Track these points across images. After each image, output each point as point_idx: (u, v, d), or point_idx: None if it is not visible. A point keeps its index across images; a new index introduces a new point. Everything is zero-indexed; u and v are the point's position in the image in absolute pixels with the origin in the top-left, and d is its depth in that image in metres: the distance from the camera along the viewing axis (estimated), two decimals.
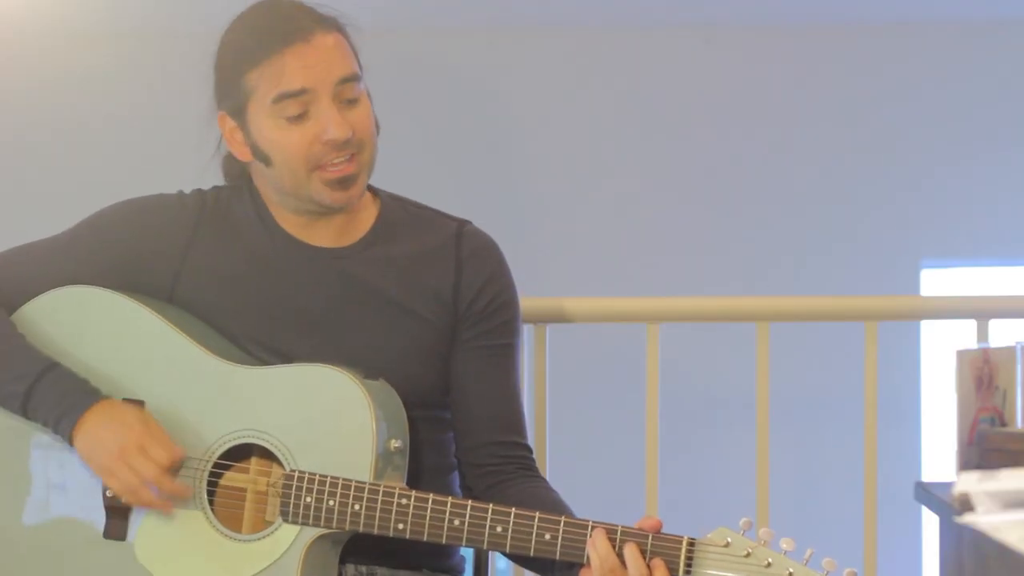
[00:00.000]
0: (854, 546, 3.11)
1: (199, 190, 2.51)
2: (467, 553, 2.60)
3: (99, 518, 2.38)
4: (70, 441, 2.35)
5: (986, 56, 5.41)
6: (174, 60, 2.37)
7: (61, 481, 2.40)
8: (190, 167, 2.52)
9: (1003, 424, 2.52)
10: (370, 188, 2.53)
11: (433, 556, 2.47)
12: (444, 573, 2.50)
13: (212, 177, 2.52)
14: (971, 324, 3.19)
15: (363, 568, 2.42)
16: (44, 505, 2.41)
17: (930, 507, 2.46)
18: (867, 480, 3.18)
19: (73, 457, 2.38)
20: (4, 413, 2.40)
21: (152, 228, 2.46)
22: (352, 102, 2.39)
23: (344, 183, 2.39)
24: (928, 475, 5.27)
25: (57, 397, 2.34)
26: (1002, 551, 1.84)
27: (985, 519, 1.83)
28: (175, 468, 2.34)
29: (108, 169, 5.33)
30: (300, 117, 2.36)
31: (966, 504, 1.93)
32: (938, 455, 5.31)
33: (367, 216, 2.49)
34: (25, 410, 2.37)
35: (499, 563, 4.16)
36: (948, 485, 2.25)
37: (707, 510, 2.26)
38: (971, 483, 1.93)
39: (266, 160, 2.40)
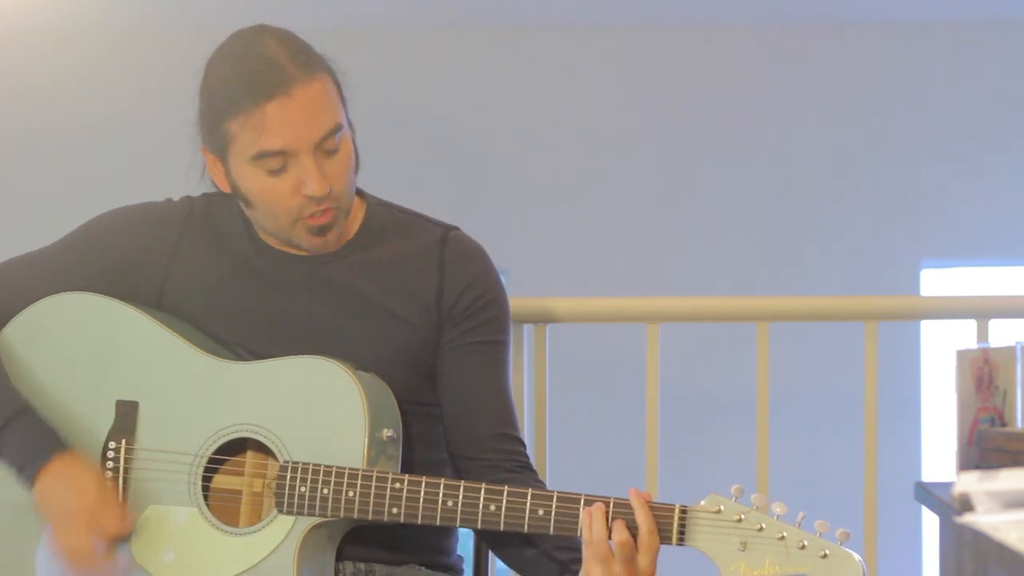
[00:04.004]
0: (854, 546, 3.11)
1: (188, 197, 2.52)
2: (466, 553, 2.60)
3: None
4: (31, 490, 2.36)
5: (986, 56, 5.41)
6: (174, 60, 2.36)
7: None
8: (188, 167, 2.52)
9: (1003, 424, 2.52)
10: (357, 192, 2.52)
11: (431, 552, 2.48)
12: (442, 571, 2.50)
13: (205, 181, 2.52)
14: (971, 324, 3.19)
15: (361, 565, 2.42)
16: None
17: (930, 507, 2.46)
18: (867, 480, 3.18)
19: None
20: None
21: (139, 236, 2.47)
22: (333, 152, 2.37)
23: (323, 231, 2.39)
24: (928, 475, 5.27)
25: (20, 446, 2.35)
26: (1002, 551, 1.84)
27: (985, 519, 1.83)
28: (117, 544, 2.33)
29: (107, 169, 5.33)
30: (280, 170, 2.36)
31: (966, 504, 1.93)
32: (938, 455, 5.31)
33: (352, 221, 2.49)
34: None
35: (499, 563, 4.16)
36: (948, 485, 2.25)
37: None
38: (971, 483, 1.93)
39: (247, 202, 2.41)
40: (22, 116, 5.41)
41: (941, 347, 5.28)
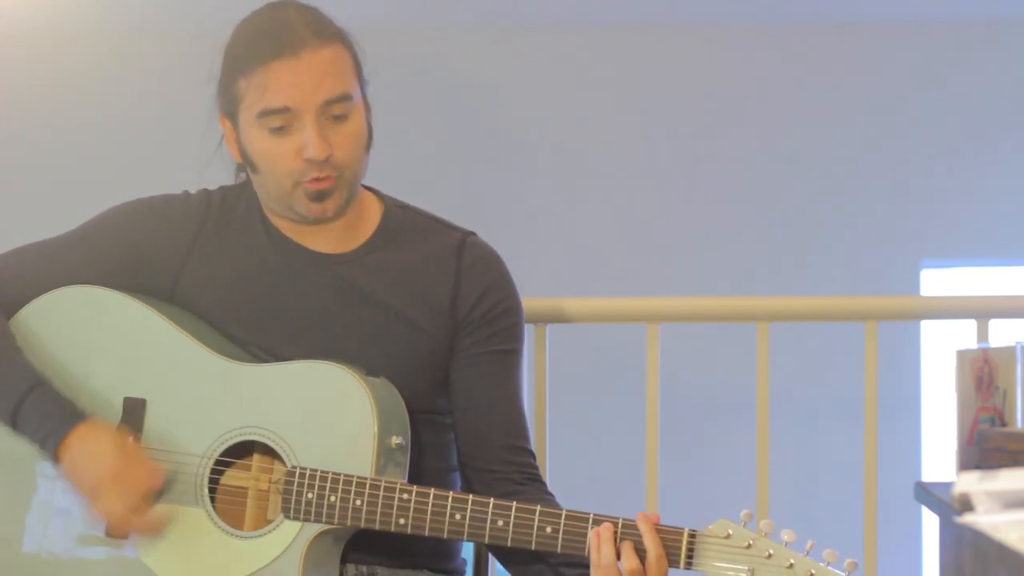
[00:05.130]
0: (854, 546, 3.11)
1: (205, 190, 2.51)
2: (468, 555, 2.60)
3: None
4: (55, 461, 2.36)
5: (986, 56, 5.40)
6: (174, 60, 2.37)
7: (62, 481, 2.40)
8: (189, 167, 2.52)
9: (1003, 424, 2.52)
10: (375, 193, 2.52)
11: (435, 557, 2.47)
12: (445, 574, 2.50)
13: (212, 176, 2.52)
14: (971, 324, 3.19)
15: (364, 568, 2.42)
16: (46, 505, 2.41)
17: (930, 507, 2.46)
18: (867, 480, 3.18)
19: None
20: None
21: (155, 228, 2.47)
22: (340, 119, 2.37)
23: (320, 196, 2.38)
24: (928, 475, 5.27)
25: (39, 420, 2.35)
26: (1002, 551, 1.84)
27: (985, 519, 1.83)
28: (152, 497, 2.34)
29: (107, 169, 5.33)
30: (283, 129, 2.36)
31: (966, 504, 1.93)
32: (938, 455, 5.31)
33: (369, 222, 2.49)
34: (14, 429, 2.38)
35: (499, 565, 4.16)
36: (948, 485, 2.25)
37: (707, 510, 2.26)
38: (971, 483, 1.93)
39: (253, 167, 2.41)
40: (22, 116, 5.40)
41: (941, 347, 5.28)
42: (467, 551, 2.60)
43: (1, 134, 5.42)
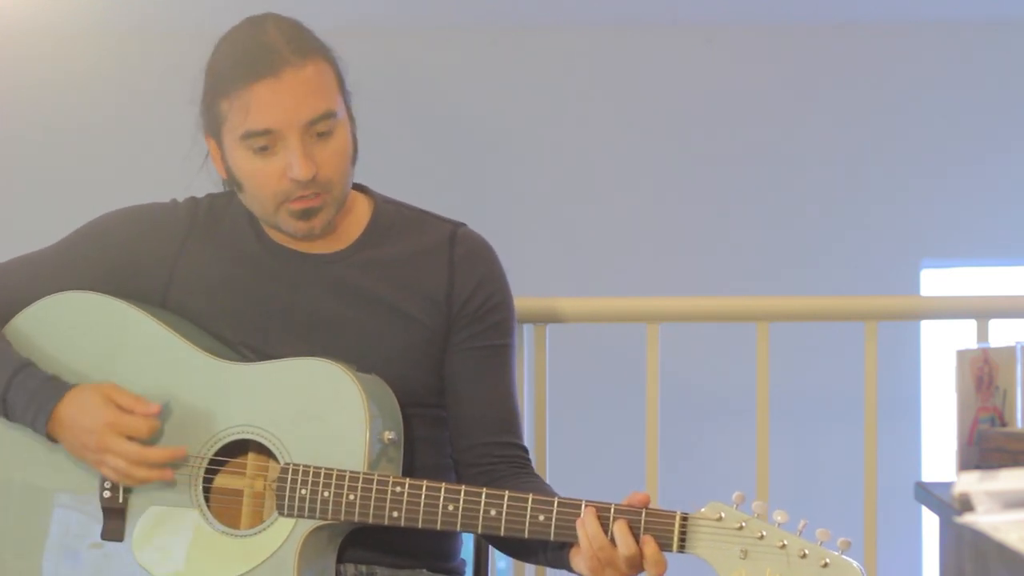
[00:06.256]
0: (854, 546, 3.11)
1: (193, 197, 2.52)
2: (467, 555, 2.60)
3: (96, 520, 2.38)
4: (54, 440, 2.36)
5: (986, 56, 5.41)
6: (174, 60, 2.36)
7: (56, 485, 2.40)
8: (188, 167, 2.52)
9: (1003, 424, 2.52)
10: (364, 190, 2.52)
11: (434, 556, 2.47)
12: (445, 574, 2.50)
13: (207, 181, 2.52)
14: (971, 324, 3.18)
15: (363, 568, 2.42)
16: (41, 509, 2.41)
17: (930, 507, 2.46)
18: (867, 480, 3.18)
19: (67, 461, 2.38)
20: None
21: (144, 236, 2.47)
22: (324, 135, 2.36)
23: (307, 214, 2.38)
24: (928, 475, 5.27)
25: (27, 402, 2.35)
26: (1002, 551, 1.84)
27: (985, 519, 1.83)
28: (155, 432, 2.34)
29: (107, 169, 5.33)
30: (267, 149, 2.35)
31: (966, 504, 1.93)
32: (938, 455, 5.31)
33: (360, 219, 2.49)
34: (6, 417, 2.38)
35: (499, 563, 4.16)
36: (948, 485, 2.25)
37: None
38: (971, 483, 1.93)
39: (239, 186, 2.41)
40: (22, 116, 5.41)
41: (941, 347, 5.28)
42: (467, 551, 2.60)
43: (1, 134, 5.42)
